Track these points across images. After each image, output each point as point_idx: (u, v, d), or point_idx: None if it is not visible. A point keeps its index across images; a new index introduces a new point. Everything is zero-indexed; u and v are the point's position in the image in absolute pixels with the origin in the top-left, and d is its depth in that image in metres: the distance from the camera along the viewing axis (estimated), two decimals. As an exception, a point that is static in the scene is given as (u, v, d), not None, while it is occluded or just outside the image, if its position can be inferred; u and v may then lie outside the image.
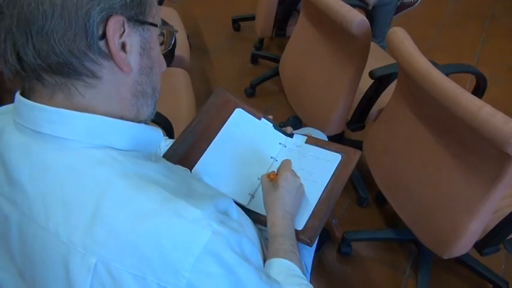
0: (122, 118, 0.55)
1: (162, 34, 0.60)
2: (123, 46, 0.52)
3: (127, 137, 0.55)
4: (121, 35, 0.51)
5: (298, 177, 0.85)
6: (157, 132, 0.61)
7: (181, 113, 1.48)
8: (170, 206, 0.49)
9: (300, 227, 0.84)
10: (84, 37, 0.49)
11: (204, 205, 0.51)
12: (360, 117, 1.58)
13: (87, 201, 0.49)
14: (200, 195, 0.57)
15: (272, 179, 0.83)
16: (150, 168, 0.55)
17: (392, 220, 1.70)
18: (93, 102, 0.52)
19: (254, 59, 2.49)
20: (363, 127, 1.61)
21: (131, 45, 0.52)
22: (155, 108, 0.61)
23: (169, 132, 1.25)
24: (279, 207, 0.80)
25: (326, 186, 0.90)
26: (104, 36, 0.50)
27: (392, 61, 1.44)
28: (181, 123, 1.24)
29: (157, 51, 0.57)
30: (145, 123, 0.59)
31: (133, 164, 0.53)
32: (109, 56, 0.51)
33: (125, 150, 0.54)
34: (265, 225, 0.87)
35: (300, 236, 0.83)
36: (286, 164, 0.85)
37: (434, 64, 1.05)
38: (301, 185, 0.86)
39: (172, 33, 0.61)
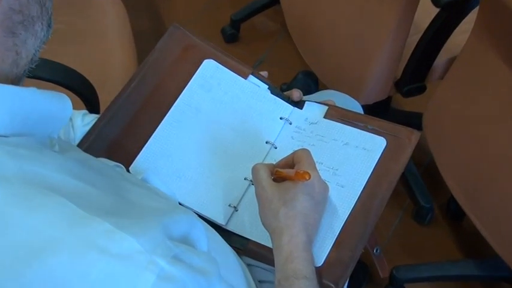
0: None
1: None
2: None
3: (4, 111, 0.55)
4: None
5: (327, 185, 0.86)
6: (60, 101, 0.61)
7: (112, 70, 1.48)
8: (82, 232, 0.49)
9: (318, 262, 0.85)
10: None
11: (145, 228, 0.51)
12: (417, 72, 1.57)
13: None
14: (140, 210, 0.58)
15: (300, 178, 0.82)
16: (49, 164, 0.55)
17: (473, 246, 1.70)
18: None
19: (237, -23, 2.48)
20: (422, 89, 1.61)
21: None
22: (51, 28, 0.61)
23: (90, 102, 1.24)
24: (300, 228, 0.81)
25: (361, 193, 0.90)
26: None
27: (472, -24, 1.42)
28: (111, 87, 1.23)
29: None
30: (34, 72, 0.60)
31: (17, 158, 0.53)
32: None
33: (3, 136, 0.54)
34: (258, 258, 0.88)
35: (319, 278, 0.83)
36: (308, 156, 0.85)
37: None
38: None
39: None
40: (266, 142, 0.97)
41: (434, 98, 1.44)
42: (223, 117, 0.97)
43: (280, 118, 0.99)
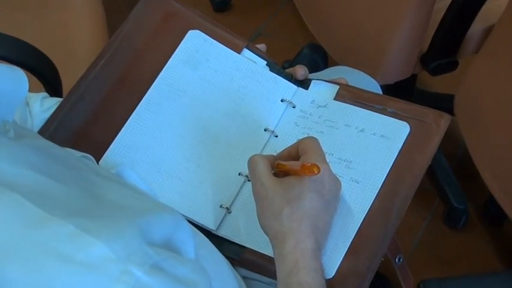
0: None
1: None
2: None
3: None
4: None
5: (340, 181, 0.86)
6: (14, 76, 0.61)
7: (77, 45, 1.48)
8: (40, 236, 0.49)
9: (330, 273, 0.85)
10: None
11: (118, 231, 0.51)
12: (446, 45, 1.57)
13: None
14: (113, 208, 0.57)
15: (307, 172, 0.82)
16: (1, 154, 0.55)
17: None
18: None
19: None
20: (453, 65, 1.61)
21: None
22: None
23: (51, 83, 1.24)
24: (308, 233, 0.81)
25: (380, 190, 0.91)
26: None
27: None
28: (76, 66, 1.21)
29: None
30: None
31: None
32: None
33: None
34: (256, 270, 0.89)
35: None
36: (316, 146, 0.85)
37: None
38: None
39: None
40: (265, 129, 0.97)
41: (467, 75, 1.45)
42: (213, 100, 0.97)
43: (282, 100, 0.99)
